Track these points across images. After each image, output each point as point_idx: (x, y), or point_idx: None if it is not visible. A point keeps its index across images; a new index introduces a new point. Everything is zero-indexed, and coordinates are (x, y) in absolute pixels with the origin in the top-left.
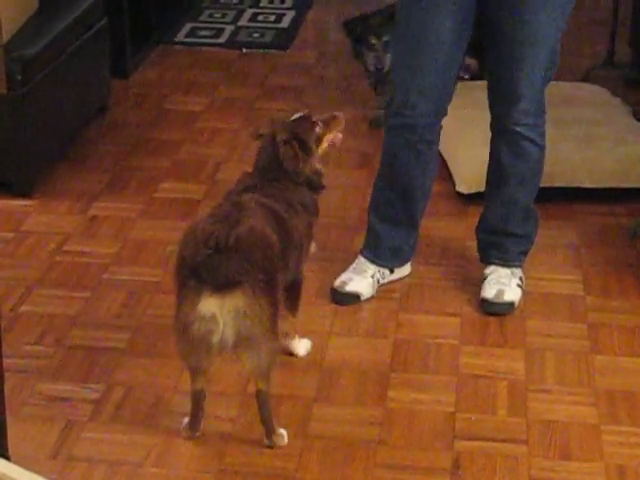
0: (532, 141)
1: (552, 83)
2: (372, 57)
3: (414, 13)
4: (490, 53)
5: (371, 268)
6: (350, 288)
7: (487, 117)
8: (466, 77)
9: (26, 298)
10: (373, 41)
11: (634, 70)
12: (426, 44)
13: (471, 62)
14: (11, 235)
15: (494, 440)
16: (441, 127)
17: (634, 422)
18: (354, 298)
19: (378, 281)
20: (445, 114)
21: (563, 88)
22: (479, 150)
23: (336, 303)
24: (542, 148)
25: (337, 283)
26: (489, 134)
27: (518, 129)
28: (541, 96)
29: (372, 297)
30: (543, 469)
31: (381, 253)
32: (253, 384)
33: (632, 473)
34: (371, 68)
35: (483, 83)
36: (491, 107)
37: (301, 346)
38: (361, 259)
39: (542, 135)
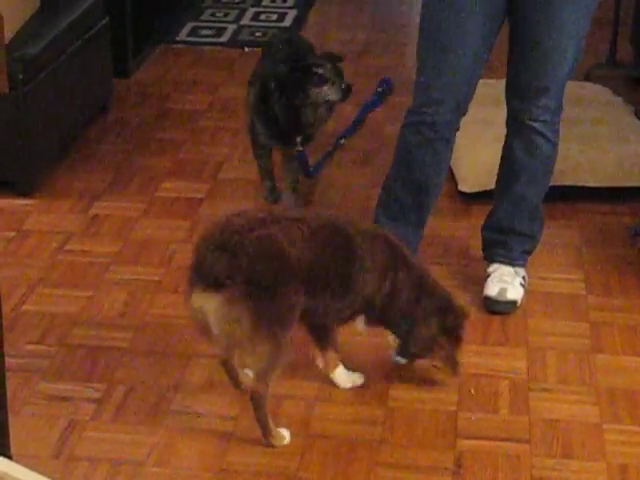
0: (545, 137)
1: None
2: (327, 89)
3: (442, 13)
4: (514, 48)
5: None
6: None
7: (489, 116)
8: None
9: (28, 297)
10: (320, 70)
11: (636, 69)
12: (454, 45)
13: None
14: (13, 234)
15: (496, 439)
16: (458, 128)
17: (636, 421)
18: None
19: None
20: (466, 112)
21: (565, 87)
22: (481, 149)
23: None
24: (555, 145)
25: None
26: (492, 133)
27: (534, 125)
28: (562, 93)
29: None
30: (545, 468)
31: None
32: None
33: (634, 472)
34: (329, 98)
35: (486, 81)
36: (509, 102)
37: (342, 378)
38: None
39: (556, 133)
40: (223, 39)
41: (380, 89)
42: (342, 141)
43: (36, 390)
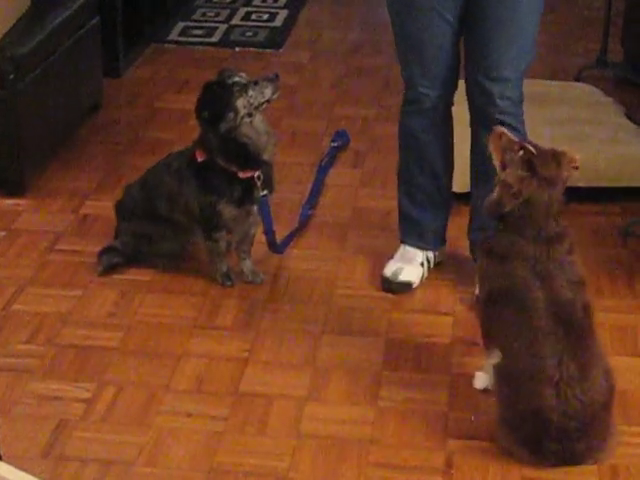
0: (516, 129)
1: (545, 82)
2: (253, 93)
3: (407, 15)
4: (471, 40)
5: (419, 255)
6: (403, 277)
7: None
8: None
9: (18, 297)
10: (235, 79)
11: (626, 69)
12: (426, 42)
13: None
14: (3, 234)
15: (486, 439)
16: (453, 103)
17: (626, 421)
18: (407, 287)
19: (427, 266)
20: (456, 89)
21: (556, 88)
22: (467, 150)
23: (389, 292)
24: (525, 137)
25: (388, 273)
26: None
27: (503, 118)
28: (521, 83)
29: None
30: (536, 469)
31: (427, 238)
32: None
33: (625, 472)
34: (263, 99)
35: (462, 81)
36: (473, 100)
37: None
38: (406, 248)
39: (523, 124)
40: (214, 39)
41: (335, 143)
42: (310, 212)
43: (26, 390)
